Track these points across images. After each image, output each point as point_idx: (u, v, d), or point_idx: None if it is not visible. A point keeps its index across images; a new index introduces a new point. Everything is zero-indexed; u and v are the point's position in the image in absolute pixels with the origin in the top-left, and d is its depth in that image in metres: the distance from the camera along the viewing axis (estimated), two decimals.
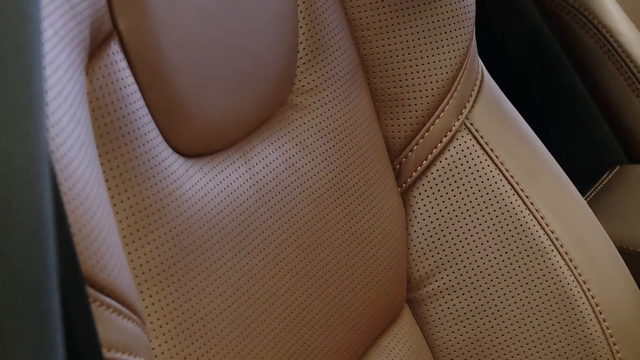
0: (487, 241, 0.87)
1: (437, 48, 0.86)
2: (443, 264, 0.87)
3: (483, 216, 0.87)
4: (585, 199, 1.16)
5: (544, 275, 0.87)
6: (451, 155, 0.88)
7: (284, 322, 0.72)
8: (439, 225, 0.87)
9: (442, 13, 0.86)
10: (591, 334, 0.87)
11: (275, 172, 0.74)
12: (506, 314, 0.87)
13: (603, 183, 1.20)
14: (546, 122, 1.33)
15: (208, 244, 0.67)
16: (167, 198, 0.65)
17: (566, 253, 0.88)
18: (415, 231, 0.87)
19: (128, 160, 0.63)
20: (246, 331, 0.69)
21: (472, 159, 0.88)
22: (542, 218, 0.88)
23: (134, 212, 0.63)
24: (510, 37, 1.32)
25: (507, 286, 0.87)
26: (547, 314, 0.87)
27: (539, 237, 0.87)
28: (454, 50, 0.86)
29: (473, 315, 0.87)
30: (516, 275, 0.87)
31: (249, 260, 0.70)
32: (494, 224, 0.87)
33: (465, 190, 0.87)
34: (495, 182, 0.88)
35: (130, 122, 0.63)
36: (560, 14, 1.28)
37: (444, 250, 0.87)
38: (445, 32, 0.86)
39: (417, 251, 0.87)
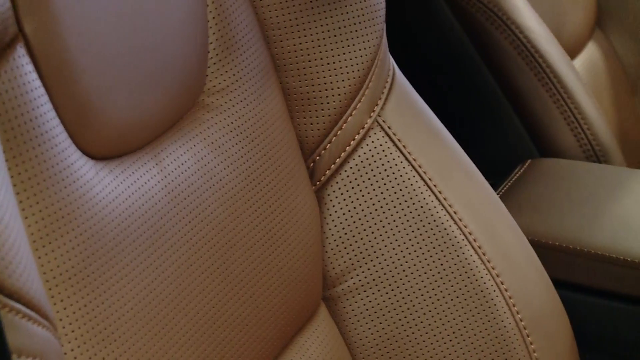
0: (402, 237, 0.88)
1: (348, 46, 0.86)
2: (358, 261, 0.88)
3: (397, 212, 0.88)
4: (497, 193, 1.18)
5: (457, 269, 0.88)
6: (364, 153, 0.88)
7: (198, 323, 0.72)
8: (354, 222, 0.88)
9: (351, 12, 0.86)
10: (505, 327, 0.88)
11: (187, 173, 0.74)
12: (421, 308, 0.88)
13: (515, 177, 1.21)
14: (459, 118, 1.35)
15: (119, 247, 0.67)
16: (77, 202, 0.64)
17: (479, 247, 0.89)
18: (329, 229, 0.88)
19: (36, 164, 0.62)
20: (160, 333, 0.69)
21: (385, 156, 0.88)
22: (455, 213, 0.89)
23: (43, 217, 0.62)
24: (423, 35, 1.34)
25: (422, 281, 0.88)
26: (462, 307, 0.88)
27: (452, 232, 0.88)
28: (364, 49, 0.87)
29: (389, 311, 0.88)
30: (430, 270, 0.88)
31: (162, 263, 0.70)
32: (407, 220, 0.88)
33: (379, 187, 0.88)
34: (409, 179, 0.88)
35: (37, 126, 0.62)
36: (471, 11, 1.29)
37: (358, 247, 0.88)
38: (356, 31, 0.86)
39: (332, 249, 0.88)
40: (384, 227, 0.88)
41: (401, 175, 0.88)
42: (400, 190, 0.88)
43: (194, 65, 0.76)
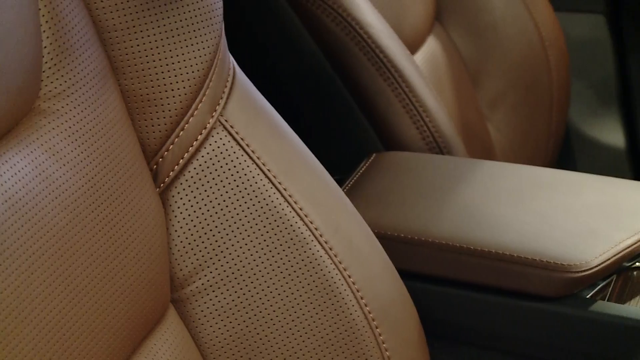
0: (249, 236, 0.88)
1: (187, 47, 0.86)
2: (206, 262, 0.88)
3: (243, 211, 0.88)
4: (343, 188, 1.19)
5: (305, 265, 0.89)
6: (207, 153, 0.88)
7: (42, 331, 0.71)
8: (200, 223, 0.87)
9: (188, 12, 0.86)
10: (354, 319, 0.89)
11: (24, 181, 0.72)
12: (271, 306, 0.88)
13: (360, 171, 1.23)
14: (303, 115, 1.36)
15: None
16: None
17: (326, 242, 0.90)
18: (175, 231, 0.87)
19: None
20: (2, 343, 0.67)
21: (229, 155, 0.88)
22: (300, 209, 0.89)
23: None
24: (264, 33, 1.34)
25: (271, 279, 0.88)
26: (311, 303, 0.89)
27: (299, 228, 0.89)
28: (203, 49, 0.87)
29: (239, 310, 0.88)
30: (279, 267, 0.88)
31: (1, 272, 0.69)
32: (254, 219, 0.88)
33: (224, 186, 0.88)
34: (253, 177, 0.88)
35: None
36: (312, 9, 1.30)
37: (205, 247, 0.88)
38: (194, 31, 0.86)
39: (178, 250, 0.87)
40: (230, 226, 0.88)
41: (245, 174, 0.88)
42: (245, 188, 0.88)
43: (27, 70, 0.75)
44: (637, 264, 1.08)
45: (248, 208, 0.88)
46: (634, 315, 1.01)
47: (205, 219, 0.87)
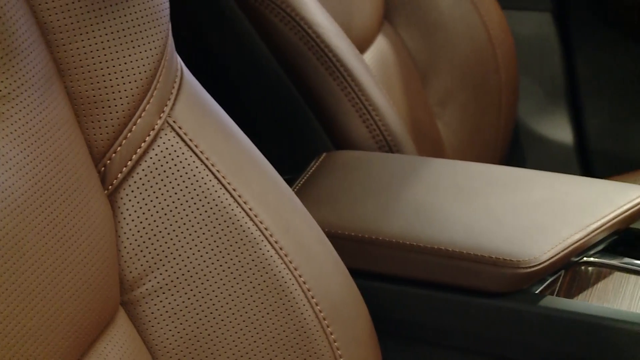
0: (198, 237, 0.88)
1: (133, 48, 0.85)
2: (155, 263, 0.87)
3: (192, 212, 0.88)
4: (294, 188, 1.19)
5: (255, 265, 0.89)
6: (156, 154, 0.88)
7: None
8: (149, 225, 0.87)
9: (135, 13, 0.86)
10: (305, 319, 0.90)
11: None
12: (222, 307, 0.88)
13: (310, 171, 1.23)
14: (253, 115, 1.36)
15: None
16: None
17: (276, 242, 0.90)
18: (125, 232, 0.87)
19: None
20: None
21: (177, 156, 0.88)
22: (250, 210, 0.89)
23: None
24: (212, 34, 1.34)
25: (221, 279, 0.88)
26: (262, 303, 0.89)
27: (249, 228, 0.89)
28: (150, 49, 0.86)
29: (189, 312, 0.88)
30: (229, 268, 0.88)
31: None
32: (203, 220, 0.88)
33: (173, 188, 0.88)
34: (202, 178, 0.88)
35: None
36: (260, 9, 1.30)
37: (155, 249, 0.87)
38: (140, 32, 0.86)
39: (128, 252, 0.87)
40: (180, 227, 0.87)
41: (194, 175, 0.88)
42: (195, 189, 0.88)
43: None
44: (585, 259, 1.09)
45: (197, 209, 0.88)
46: (582, 310, 1.02)
47: (155, 221, 0.87)
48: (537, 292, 1.05)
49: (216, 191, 0.88)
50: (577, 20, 1.80)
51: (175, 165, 0.88)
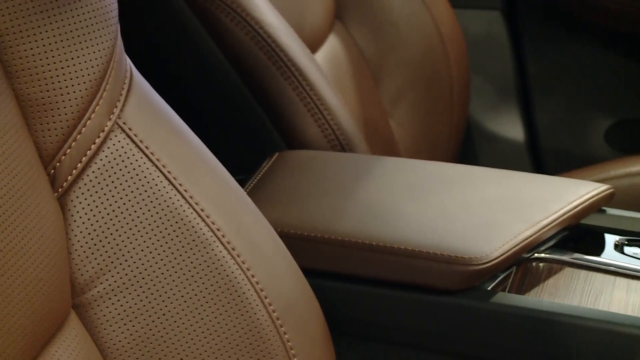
0: (150, 239, 0.87)
1: (81, 49, 0.85)
2: (107, 266, 0.87)
3: (144, 214, 0.87)
4: (246, 188, 1.19)
5: (208, 266, 0.88)
6: (106, 156, 0.87)
7: None
8: (100, 227, 0.87)
9: (82, 14, 0.85)
10: (258, 319, 0.90)
11: None
12: (174, 308, 0.88)
13: (263, 171, 1.23)
14: (204, 116, 1.35)
15: None
16: None
17: (228, 242, 0.89)
18: (75, 235, 0.86)
19: None
20: None
21: (128, 158, 0.88)
22: (202, 210, 0.89)
23: None
24: (162, 34, 1.33)
25: (174, 281, 0.88)
26: (215, 304, 0.89)
27: (201, 229, 0.89)
28: (98, 51, 0.86)
29: (142, 314, 0.88)
30: (181, 269, 0.88)
31: None
32: (155, 221, 0.88)
33: (124, 189, 0.87)
34: (153, 179, 0.88)
35: None
36: (209, 8, 1.30)
37: (106, 252, 0.87)
38: (88, 33, 0.85)
39: (79, 255, 0.86)
40: (131, 229, 0.87)
41: (145, 177, 0.88)
42: (145, 191, 0.88)
43: None
44: (536, 255, 1.10)
45: (149, 210, 0.87)
46: (533, 306, 1.02)
47: (105, 223, 0.87)
48: (489, 288, 1.05)
49: (167, 192, 0.88)
50: (526, 18, 1.82)
51: (126, 166, 0.87)
